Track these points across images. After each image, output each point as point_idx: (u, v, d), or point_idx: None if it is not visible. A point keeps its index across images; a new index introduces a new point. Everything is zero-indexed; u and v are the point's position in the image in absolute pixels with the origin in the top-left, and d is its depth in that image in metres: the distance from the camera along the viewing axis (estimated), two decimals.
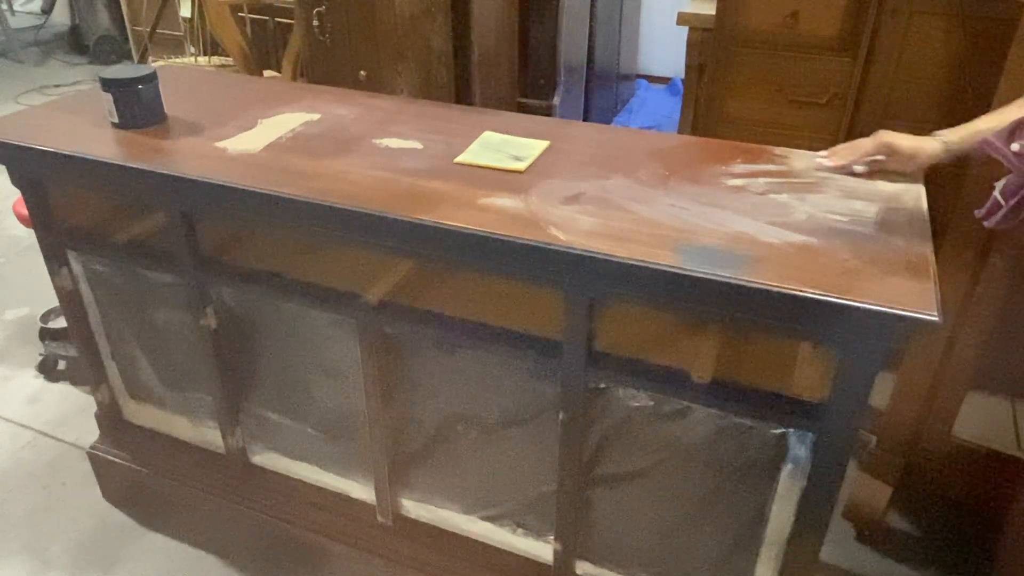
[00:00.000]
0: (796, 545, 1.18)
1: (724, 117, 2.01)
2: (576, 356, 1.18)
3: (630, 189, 1.23)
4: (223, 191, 1.26)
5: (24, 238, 2.96)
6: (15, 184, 1.51)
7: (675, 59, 2.76)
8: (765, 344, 1.11)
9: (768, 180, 1.25)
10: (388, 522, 1.56)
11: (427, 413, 1.42)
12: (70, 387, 2.27)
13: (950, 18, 1.72)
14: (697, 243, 1.07)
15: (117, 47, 5.07)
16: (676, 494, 1.27)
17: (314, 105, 1.58)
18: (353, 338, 1.35)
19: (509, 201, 1.19)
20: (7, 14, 5.48)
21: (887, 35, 1.77)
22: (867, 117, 1.87)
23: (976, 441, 1.65)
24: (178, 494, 1.78)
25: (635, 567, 1.38)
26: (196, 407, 1.68)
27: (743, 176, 1.27)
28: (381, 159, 1.34)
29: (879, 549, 1.75)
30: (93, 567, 1.73)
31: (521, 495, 1.42)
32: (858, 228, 1.11)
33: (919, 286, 0.97)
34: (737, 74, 1.95)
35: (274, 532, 1.69)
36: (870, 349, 0.99)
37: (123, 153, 1.37)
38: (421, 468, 1.49)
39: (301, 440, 1.59)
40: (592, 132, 1.54)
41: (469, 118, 1.57)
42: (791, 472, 1.13)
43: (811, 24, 1.82)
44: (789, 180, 1.25)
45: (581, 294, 1.12)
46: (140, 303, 1.59)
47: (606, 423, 1.25)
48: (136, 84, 1.43)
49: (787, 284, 0.97)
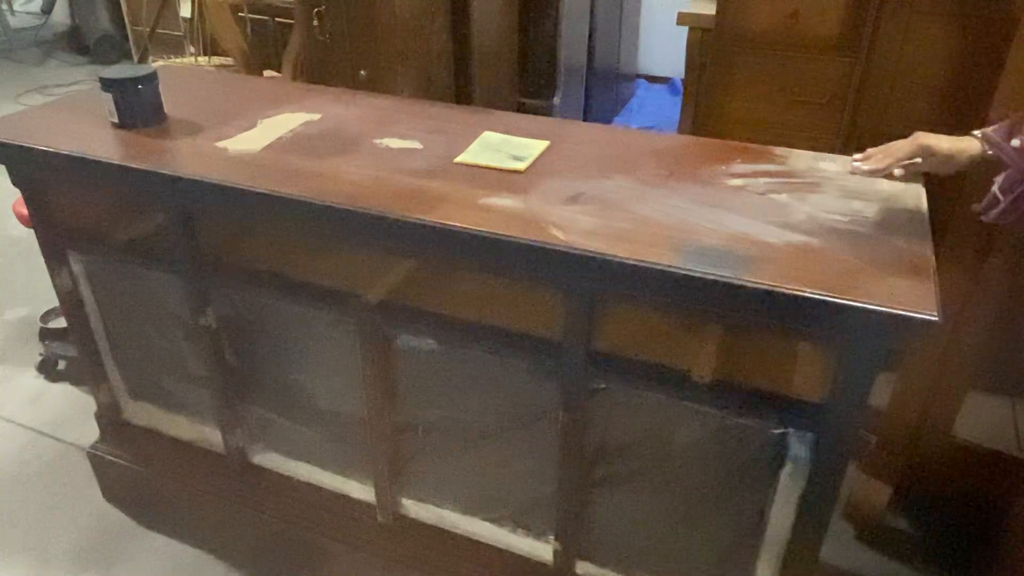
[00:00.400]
0: (796, 545, 1.18)
1: (724, 117, 2.01)
2: (576, 356, 1.18)
3: (630, 189, 1.23)
4: (223, 191, 1.26)
5: (24, 238, 2.95)
6: (15, 184, 1.51)
7: (675, 59, 2.76)
8: (765, 344, 1.11)
9: (768, 180, 1.25)
10: (388, 522, 1.56)
11: (427, 413, 1.42)
12: (70, 387, 2.27)
13: (950, 18, 1.72)
14: (697, 243, 1.07)
15: (117, 47, 5.07)
16: (676, 494, 1.27)
17: (314, 105, 1.58)
18: (353, 338, 1.35)
19: (509, 201, 1.19)
20: (7, 14, 5.48)
21: (887, 35, 1.77)
22: (867, 117, 1.87)
23: (976, 441, 1.65)
24: (178, 494, 1.78)
25: (635, 567, 1.38)
26: (196, 407, 1.68)
27: (743, 176, 1.27)
28: (381, 159, 1.34)
29: (879, 549, 1.75)
30: (93, 567, 1.73)
31: (521, 495, 1.42)
32: (858, 228, 1.11)
33: (919, 286, 0.97)
34: (737, 74, 1.95)
35: (274, 532, 1.69)
36: (870, 349, 0.99)
37: (123, 153, 1.37)
38: (421, 468, 1.49)
39: (301, 440, 1.59)
40: (592, 132, 1.54)
41: (469, 118, 1.57)
42: (791, 472, 1.13)
43: (811, 24, 1.83)
44: (789, 180, 1.25)
45: (581, 294, 1.12)
46: (140, 303, 1.59)
47: (606, 423, 1.25)
48: (136, 84, 1.43)
49: (787, 284, 0.97)
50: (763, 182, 1.25)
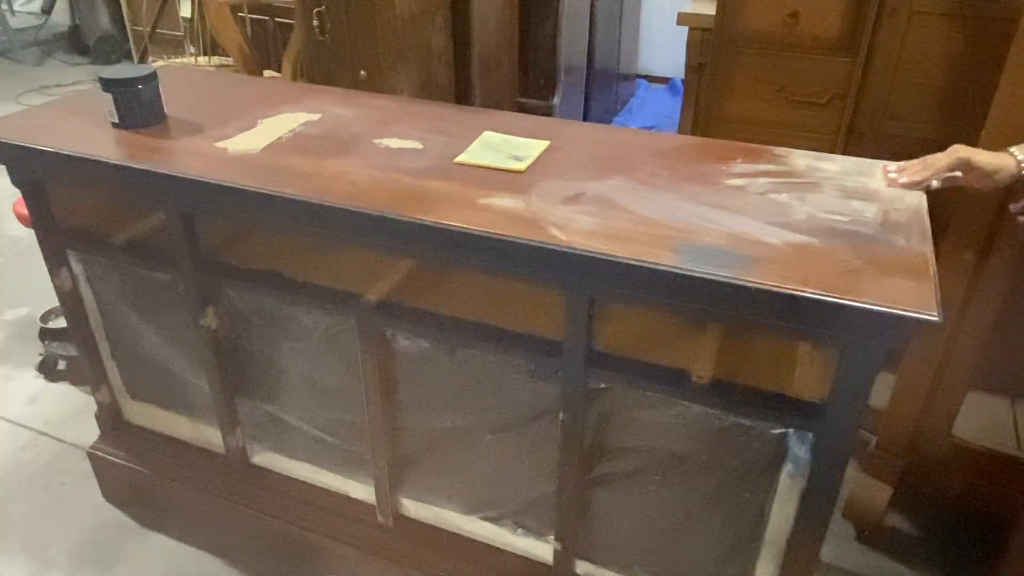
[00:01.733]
0: (796, 545, 1.18)
1: (724, 117, 2.01)
2: (576, 356, 1.18)
3: (630, 189, 1.23)
4: (223, 191, 1.26)
5: (24, 238, 2.96)
6: (15, 184, 1.51)
7: (675, 59, 2.76)
8: (765, 344, 1.11)
9: (768, 180, 1.25)
10: (388, 522, 1.56)
11: (427, 413, 1.42)
12: (70, 387, 2.27)
13: (950, 18, 1.72)
14: (697, 243, 1.07)
15: (117, 47, 5.07)
16: (676, 494, 1.27)
17: (314, 105, 1.58)
18: (353, 338, 1.35)
19: (509, 201, 1.19)
20: (7, 14, 5.48)
21: (887, 35, 1.76)
22: (867, 117, 1.87)
23: (976, 441, 1.65)
24: (178, 494, 1.78)
25: (635, 567, 1.38)
26: (196, 407, 1.68)
27: (743, 176, 1.27)
28: (381, 159, 1.34)
29: (879, 549, 1.75)
30: (93, 567, 1.73)
31: (521, 495, 1.42)
32: (858, 228, 1.11)
33: (919, 286, 0.97)
34: (737, 74, 1.95)
35: (274, 532, 1.69)
36: (870, 349, 0.99)
37: (123, 153, 1.37)
38: (421, 468, 1.49)
39: (301, 440, 1.59)
40: (592, 132, 1.54)
41: (469, 118, 1.57)
42: (791, 472, 1.13)
43: (811, 24, 1.82)
44: (789, 180, 1.25)
45: (581, 294, 1.12)
46: (140, 303, 1.59)
47: (606, 423, 1.25)
48: (136, 84, 1.43)
49: (787, 284, 0.97)
50: (763, 182, 1.25)
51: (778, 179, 1.26)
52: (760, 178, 1.26)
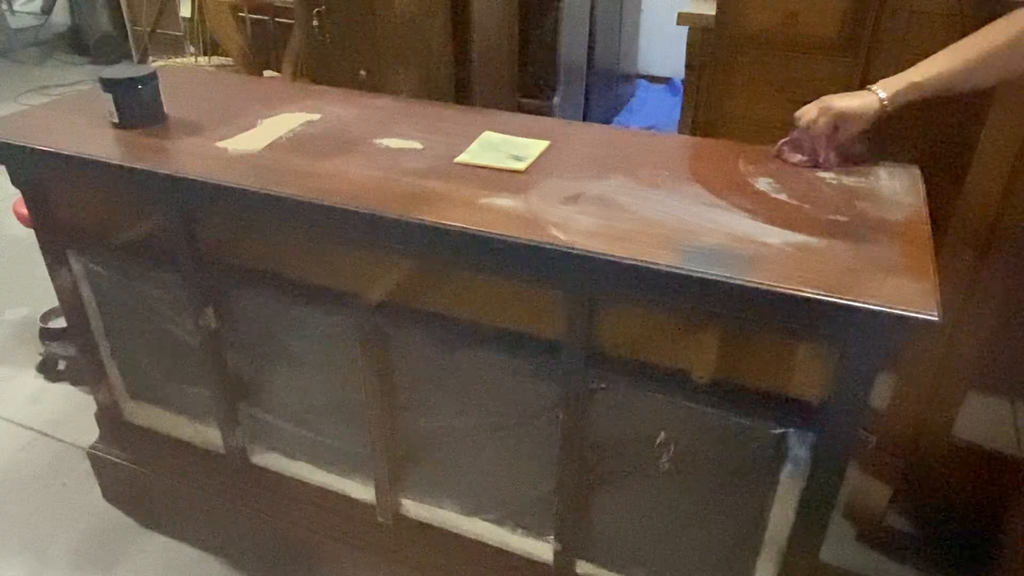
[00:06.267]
0: (796, 545, 1.18)
1: (724, 117, 2.01)
2: (576, 356, 1.18)
3: (630, 189, 1.23)
4: (223, 191, 1.26)
5: (24, 238, 2.96)
6: (15, 184, 1.51)
7: (675, 59, 2.76)
8: (765, 344, 1.11)
9: (768, 180, 1.25)
10: (388, 522, 1.56)
11: (427, 413, 1.41)
12: (70, 387, 2.27)
13: (950, 18, 1.71)
14: (697, 243, 1.07)
15: (117, 47, 5.07)
16: (676, 494, 1.27)
17: (314, 105, 1.58)
18: (353, 338, 1.35)
19: (509, 201, 1.19)
20: (7, 14, 5.48)
21: (887, 35, 1.76)
22: None
23: (976, 441, 1.65)
24: (178, 494, 1.78)
25: (635, 567, 1.38)
26: (196, 407, 1.68)
27: (743, 176, 1.27)
28: (381, 159, 1.34)
29: (879, 549, 1.75)
30: (93, 567, 1.73)
31: (521, 495, 1.42)
32: (858, 228, 1.11)
33: (919, 286, 0.97)
34: (737, 74, 1.95)
35: (274, 532, 1.69)
36: (870, 349, 0.99)
37: (123, 153, 1.37)
38: (421, 468, 1.49)
39: (301, 440, 1.59)
40: (592, 132, 1.54)
41: (469, 118, 1.57)
42: (791, 472, 1.13)
43: (811, 24, 1.82)
44: (789, 180, 1.25)
45: (581, 294, 1.12)
46: (140, 303, 1.58)
47: (606, 423, 1.25)
48: (136, 84, 1.43)
49: (787, 284, 0.97)
50: (763, 182, 1.25)
51: (778, 179, 1.26)
52: (760, 178, 1.26)
